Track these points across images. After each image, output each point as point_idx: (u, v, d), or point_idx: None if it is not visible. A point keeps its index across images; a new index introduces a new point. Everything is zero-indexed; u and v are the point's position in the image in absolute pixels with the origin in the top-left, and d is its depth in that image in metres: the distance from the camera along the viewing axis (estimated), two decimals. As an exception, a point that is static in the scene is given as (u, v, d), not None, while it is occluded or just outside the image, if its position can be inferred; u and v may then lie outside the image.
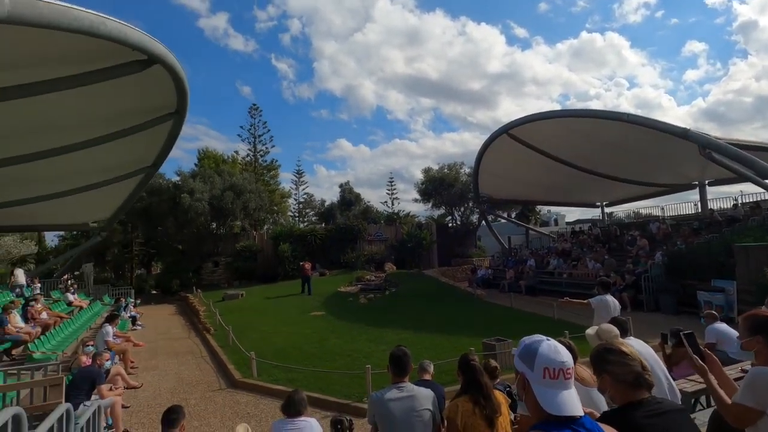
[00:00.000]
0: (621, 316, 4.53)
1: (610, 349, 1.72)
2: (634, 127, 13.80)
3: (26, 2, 4.15)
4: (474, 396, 2.39)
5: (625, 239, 18.02)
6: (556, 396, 1.20)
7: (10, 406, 1.89)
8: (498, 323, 11.00)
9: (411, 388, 2.55)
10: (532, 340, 1.35)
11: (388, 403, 2.44)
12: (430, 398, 2.54)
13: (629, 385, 1.60)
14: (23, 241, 36.09)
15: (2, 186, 12.00)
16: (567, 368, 1.24)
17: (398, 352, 2.70)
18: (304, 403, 3.27)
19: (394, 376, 2.64)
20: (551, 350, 1.28)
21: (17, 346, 8.25)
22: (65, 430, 2.07)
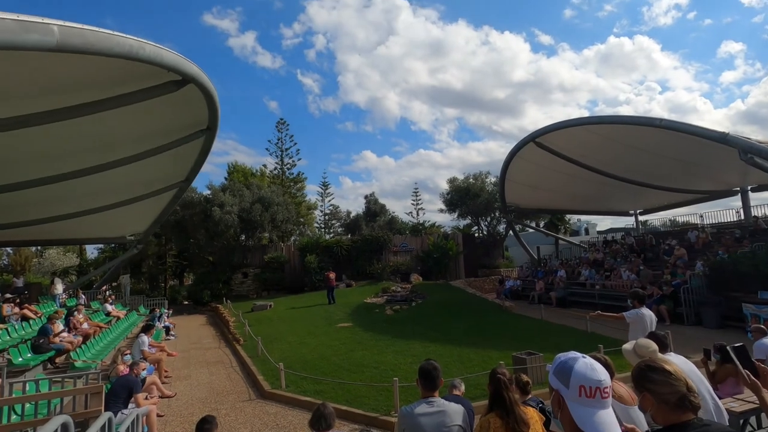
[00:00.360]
0: (659, 331, 4.33)
1: (653, 367, 1.63)
2: (668, 132, 13.33)
3: (74, 31, 4.44)
4: (500, 411, 2.33)
5: (662, 249, 17.31)
6: (593, 415, 1.17)
7: (56, 414, 1.97)
8: (528, 336, 10.70)
9: (441, 403, 2.51)
10: (567, 357, 1.32)
11: (418, 417, 2.42)
12: (461, 414, 2.50)
13: (673, 406, 1.50)
14: (66, 253, 38.06)
15: (48, 202, 12.72)
16: (604, 387, 1.21)
17: (428, 366, 2.67)
18: (333, 416, 3.20)
19: (423, 390, 2.62)
20: (587, 368, 1.25)
21: (60, 355, 8.64)
22: (107, 437, 2.15)
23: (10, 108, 6.60)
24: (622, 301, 13.87)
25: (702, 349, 5.23)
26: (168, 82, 7.75)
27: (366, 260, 25.14)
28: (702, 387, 2.91)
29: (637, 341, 3.28)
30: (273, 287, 24.18)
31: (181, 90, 8.02)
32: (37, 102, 6.74)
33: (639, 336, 4.57)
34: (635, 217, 25.97)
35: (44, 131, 7.77)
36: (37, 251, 40.96)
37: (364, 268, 24.80)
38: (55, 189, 11.11)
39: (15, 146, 8.43)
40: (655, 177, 18.46)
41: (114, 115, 7.99)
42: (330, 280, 18.67)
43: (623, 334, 7.18)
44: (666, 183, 19.04)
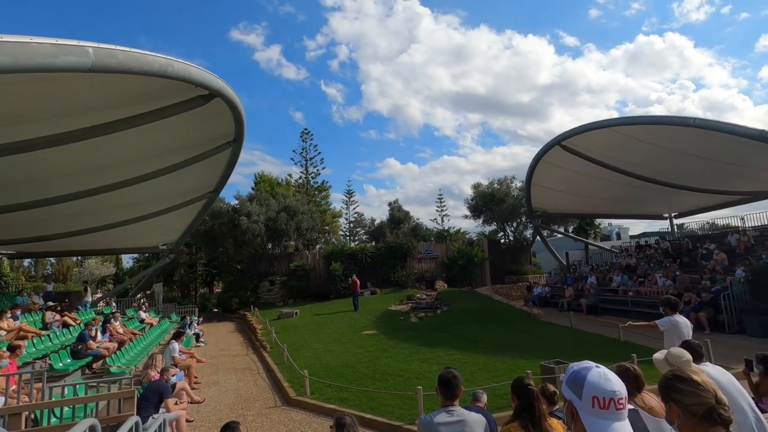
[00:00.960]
0: (696, 339, 4.13)
1: (680, 377, 1.55)
2: (703, 131, 12.78)
3: (107, 52, 4.69)
4: (525, 422, 2.27)
5: (699, 253, 16.53)
6: (607, 427, 1.13)
7: (88, 417, 2.06)
8: (557, 345, 10.40)
9: (461, 413, 2.48)
10: (580, 367, 1.28)
11: (438, 426, 2.39)
12: (482, 424, 2.45)
13: (700, 419, 1.42)
14: (104, 263, 39.77)
15: (87, 214, 13.36)
16: (618, 398, 1.16)
17: (447, 375, 2.64)
18: (353, 427, 3.18)
19: (443, 399, 2.58)
20: (601, 378, 1.21)
21: (97, 360, 9.00)
22: (134, 441, 2.23)
23: (53, 126, 6.99)
24: (657, 308, 13.26)
25: (743, 359, 4.95)
26: (196, 97, 8.04)
27: (390, 267, 25.11)
28: (742, 400, 2.75)
29: (670, 350, 3.14)
30: (299, 295, 24.47)
31: (209, 104, 8.30)
32: (76, 120, 7.12)
33: (675, 345, 4.36)
34: (670, 220, 24.90)
35: (83, 147, 8.18)
36: (77, 261, 43.02)
37: (388, 276, 24.78)
38: (92, 202, 11.66)
39: (57, 162, 8.93)
40: (691, 178, 17.69)
41: (147, 129, 8.34)
42: (355, 285, 18.77)
43: (659, 343, 6.89)
44: (702, 184, 18.21)
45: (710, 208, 22.73)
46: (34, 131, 7.01)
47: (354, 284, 18.87)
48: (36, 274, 41.59)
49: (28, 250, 18.64)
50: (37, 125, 7.00)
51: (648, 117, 14.63)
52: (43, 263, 43.18)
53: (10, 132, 6.86)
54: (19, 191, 10.09)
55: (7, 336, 8.48)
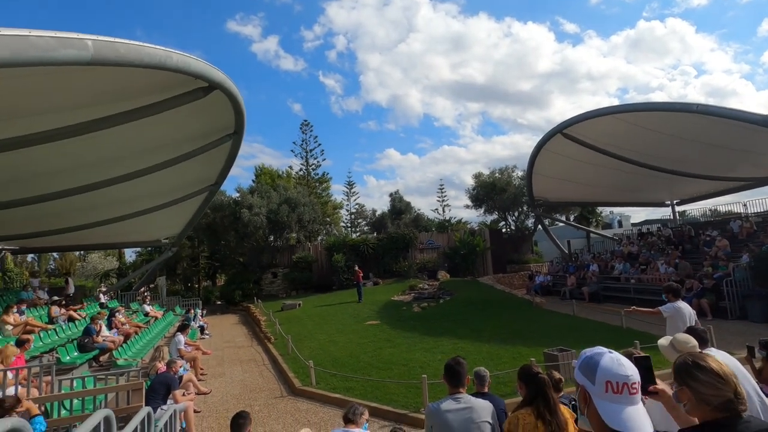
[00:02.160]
0: (699, 326, 4.14)
1: (701, 366, 1.48)
2: (705, 117, 12.69)
3: (106, 44, 4.65)
4: (539, 409, 2.28)
5: (702, 240, 16.54)
6: (621, 411, 1.14)
7: (100, 408, 2.09)
8: (560, 333, 10.47)
9: (468, 399, 2.50)
10: (593, 352, 1.29)
11: (445, 414, 2.41)
12: (489, 410, 2.47)
13: (714, 408, 1.41)
14: (107, 257, 39.91)
15: (89, 209, 13.38)
16: (632, 382, 1.17)
17: (453, 362, 2.66)
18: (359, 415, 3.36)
19: (450, 387, 2.61)
20: (614, 363, 1.22)
21: (104, 353, 9.08)
22: (147, 431, 2.26)
23: (53, 121, 6.97)
24: (659, 295, 13.29)
25: (746, 345, 4.98)
26: (196, 90, 7.99)
27: (392, 258, 25.18)
28: (747, 384, 2.76)
29: (675, 336, 3.16)
30: (301, 286, 24.58)
31: (208, 96, 8.25)
32: (76, 114, 7.09)
33: (678, 331, 4.39)
34: (672, 207, 24.86)
35: (83, 142, 8.16)
36: (80, 256, 43.19)
37: (390, 266, 24.86)
38: (94, 196, 11.67)
39: (58, 157, 8.91)
40: (693, 165, 17.62)
41: (147, 123, 8.31)
42: (359, 276, 18.94)
43: (661, 330, 6.91)
44: (705, 171, 18.14)
45: (713, 194, 22.67)
46: (34, 126, 6.98)
47: (358, 275, 18.98)
48: (39, 269, 41.77)
49: (31, 245, 18.74)
50: (36, 120, 6.98)
51: (650, 104, 14.54)
52: (47, 258, 43.36)
53: (10, 127, 6.84)
54: (21, 187, 10.09)
55: (14, 330, 8.55)
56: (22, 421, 1.06)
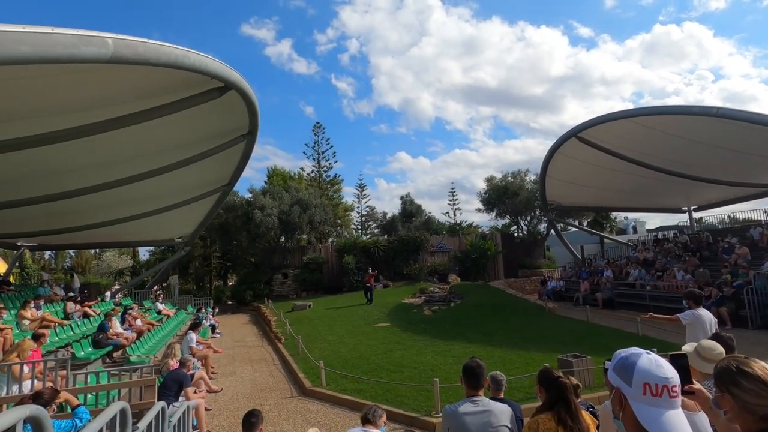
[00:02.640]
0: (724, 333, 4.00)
1: (746, 373, 1.38)
2: (725, 122, 12.41)
3: (126, 43, 4.70)
4: (560, 414, 2.21)
5: (721, 247, 16.14)
6: (660, 415, 1.07)
7: (116, 401, 2.09)
8: (573, 338, 10.28)
9: (487, 403, 2.43)
10: (628, 353, 1.23)
11: (463, 416, 2.35)
12: (508, 414, 2.41)
13: (758, 419, 1.31)
14: (121, 256, 40.53)
15: (104, 207, 13.58)
16: (672, 385, 1.11)
17: (472, 364, 2.60)
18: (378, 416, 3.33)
19: (468, 389, 2.55)
20: (652, 364, 1.16)
21: (117, 350, 9.18)
22: (161, 426, 2.24)
23: (71, 120, 7.09)
24: (675, 303, 13.05)
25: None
26: (211, 90, 8.06)
27: (403, 261, 25.11)
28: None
29: (701, 342, 3.05)
30: (312, 287, 24.63)
31: (223, 97, 8.31)
32: (92, 113, 7.19)
33: (697, 340, 4.25)
34: (689, 213, 24.36)
35: (100, 141, 8.29)
36: (95, 254, 43.95)
37: (401, 269, 24.78)
38: (110, 195, 11.84)
39: (75, 156, 9.06)
40: (711, 170, 17.24)
41: (162, 123, 8.40)
42: (370, 279, 18.69)
43: (679, 337, 6.75)
44: (724, 176, 17.73)
45: (731, 201, 22.16)
46: (53, 125, 7.11)
47: (370, 278, 18.74)
48: (56, 266, 42.62)
49: (48, 242, 19.08)
50: (55, 119, 7.10)
51: (668, 107, 14.26)
52: (63, 256, 44.21)
53: (30, 125, 6.97)
54: (39, 184, 10.28)
55: (30, 325, 8.69)
56: (41, 408, 1.04)
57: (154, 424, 2.11)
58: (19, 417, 0.91)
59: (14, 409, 0.98)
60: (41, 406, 1.27)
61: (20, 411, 0.94)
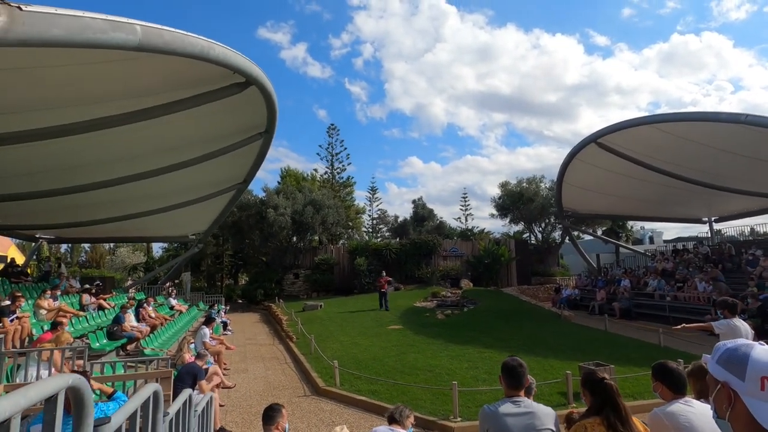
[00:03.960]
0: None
1: None
2: (752, 129, 12.05)
3: (153, 31, 4.68)
4: (609, 419, 2.06)
5: (744, 259, 15.67)
6: None
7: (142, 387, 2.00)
8: (592, 347, 10.00)
9: (529, 404, 2.29)
10: (736, 344, 1.09)
11: (504, 418, 2.20)
12: (552, 417, 2.26)
13: None
14: (135, 252, 41.03)
15: (119, 202, 13.70)
16: None
17: (513, 363, 2.46)
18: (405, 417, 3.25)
19: (508, 389, 2.40)
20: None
21: (131, 343, 9.19)
22: (188, 414, 2.15)
23: (90, 112, 7.12)
24: (696, 314, 12.68)
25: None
26: (232, 85, 8.04)
27: (415, 264, 24.91)
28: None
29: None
30: (323, 288, 24.56)
31: (243, 93, 8.28)
32: (113, 106, 7.21)
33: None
34: (710, 224, 23.76)
35: (119, 135, 8.34)
36: (110, 249, 44.57)
37: (412, 272, 24.58)
38: (127, 189, 11.93)
39: (94, 149, 9.13)
40: (735, 180, 16.77)
41: (181, 118, 8.42)
42: (383, 283, 17.47)
43: (703, 349, 6.46)
44: (748, 186, 17.23)
45: (754, 212, 21.55)
46: (74, 116, 7.15)
47: (383, 282, 17.48)
48: (71, 260, 43.30)
49: (65, 235, 19.35)
50: (76, 110, 7.14)
51: (694, 113, 13.94)
52: (79, 250, 44.90)
53: (51, 116, 7.01)
54: (59, 177, 10.38)
55: (47, 315, 8.74)
56: (82, 379, 0.95)
57: (182, 411, 2.02)
58: (61, 386, 0.82)
59: (56, 377, 0.88)
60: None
61: (62, 379, 0.85)
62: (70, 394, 0.93)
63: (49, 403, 0.85)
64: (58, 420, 0.84)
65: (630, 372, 7.36)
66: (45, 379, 1.27)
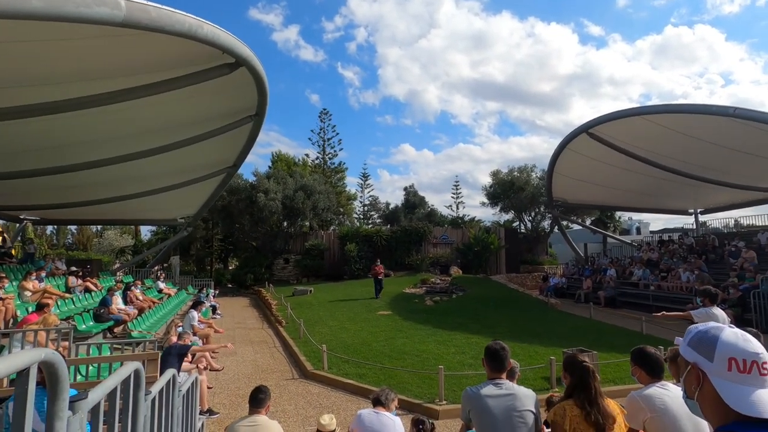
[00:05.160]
0: (750, 328, 3.89)
1: None
2: (740, 123, 12.18)
3: (139, 6, 4.55)
4: (581, 400, 2.12)
5: (727, 250, 16.00)
6: (750, 393, 0.96)
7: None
8: (577, 334, 10.22)
9: (510, 386, 2.33)
10: (707, 327, 1.11)
11: (485, 399, 2.25)
12: (533, 399, 2.31)
13: None
14: (122, 235, 40.56)
15: (107, 184, 13.47)
16: (763, 361, 0.99)
17: (495, 346, 2.50)
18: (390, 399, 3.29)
19: (490, 372, 2.44)
20: (739, 338, 1.04)
21: (118, 325, 9.14)
22: (171, 394, 2.16)
23: (77, 89, 6.94)
24: (679, 303, 12.95)
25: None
26: (221, 65, 7.87)
27: (405, 251, 25.01)
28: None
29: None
30: (313, 274, 24.60)
31: (233, 74, 8.11)
32: (100, 84, 7.04)
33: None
34: (695, 216, 24.18)
35: (107, 115, 8.15)
36: (97, 232, 43.99)
37: (402, 259, 24.70)
38: (115, 171, 11.73)
39: (81, 128, 8.93)
40: (723, 172, 17.02)
41: (169, 98, 8.24)
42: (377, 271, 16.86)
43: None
44: (735, 179, 17.51)
45: (738, 205, 21.95)
46: (59, 94, 6.96)
47: (377, 270, 16.86)
48: (58, 242, 42.69)
49: (51, 216, 19.03)
50: (61, 88, 6.95)
51: (685, 105, 14.06)
52: (65, 232, 44.27)
53: (36, 93, 6.82)
54: (44, 157, 10.16)
55: (32, 297, 8.64)
56: (56, 353, 0.94)
57: (165, 391, 2.03)
58: (33, 359, 0.81)
59: (28, 351, 0.87)
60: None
61: (35, 352, 0.83)
62: (43, 368, 0.92)
63: (20, 377, 0.84)
64: (30, 394, 0.84)
65: (612, 358, 7.53)
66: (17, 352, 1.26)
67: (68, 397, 1.01)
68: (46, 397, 0.98)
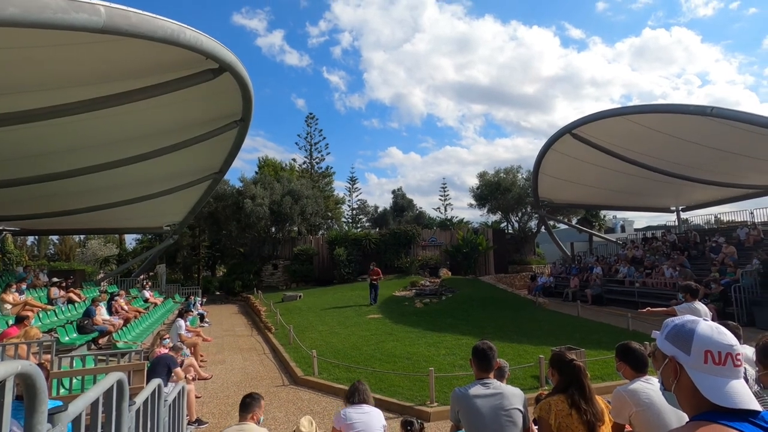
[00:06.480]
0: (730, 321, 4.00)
1: None
2: (718, 122, 12.51)
3: (119, 12, 4.49)
4: (573, 397, 2.14)
5: (708, 246, 16.38)
6: (725, 384, 0.99)
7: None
8: (564, 332, 10.33)
9: (498, 385, 2.35)
10: (683, 320, 1.14)
11: (473, 399, 2.26)
12: (520, 397, 2.33)
13: None
14: (106, 244, 39.78)
15: (90, 192, 13.22)
16: (736, 353, 1.03)
17: (483, 346, 2.52)
18: (367, 393, 3.29)
19: (478, 372, 2.46)
20: (714, 331, 1.07)
21: (103, 336, 8.95)
22: (157, 404, 2.12)
23: (56, 97, 6.81)
24: (663, 299, 13.19)
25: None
26: (205, 71, 7.81)
27: (394, 254, 25.00)
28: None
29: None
30: (302, 279, 24.43)
31: (217, 80, 8.06)
32: (80, 91, 6.93)
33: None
34: (677, 213, 24.68)
35: (87, 122, 8.01)
36: (80, 241, 43.09)
37: (392, 262, 24.67)
38: (97, 179, 11.52)
39: (62, 136, 8.76)
40: (703, 170, 17.43)
41: (153, 105, 8.15)
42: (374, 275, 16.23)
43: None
44: (714, 177, 17.95)
45: (720, 201, 22.49)
46: (36, 101, 6.82)
47: (375, 273, 16.25)
48: (39, 253, 41.69)
49: (32, 227, 18.59)
50: (39, 96, 6.81)
51: (664, 105, 14.36)
52: (46, 242, 43.28)
53: (15, 101, 6.68)
54: (23, 166, 9.93)
55: (12, 309, 8.42)
56: (33, 365, 0.92)
57: (150, 401, 1.99)
58: (9, 372, 0.79)
59: (3, 363, 0.85)
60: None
61: (10, 365, 0.82)
62: (20, 381, 0.90)
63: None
64: (6, 407, 0.82)
65: (599, 355, 7.64)
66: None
67: (47, 410, 0.99)
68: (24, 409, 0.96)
